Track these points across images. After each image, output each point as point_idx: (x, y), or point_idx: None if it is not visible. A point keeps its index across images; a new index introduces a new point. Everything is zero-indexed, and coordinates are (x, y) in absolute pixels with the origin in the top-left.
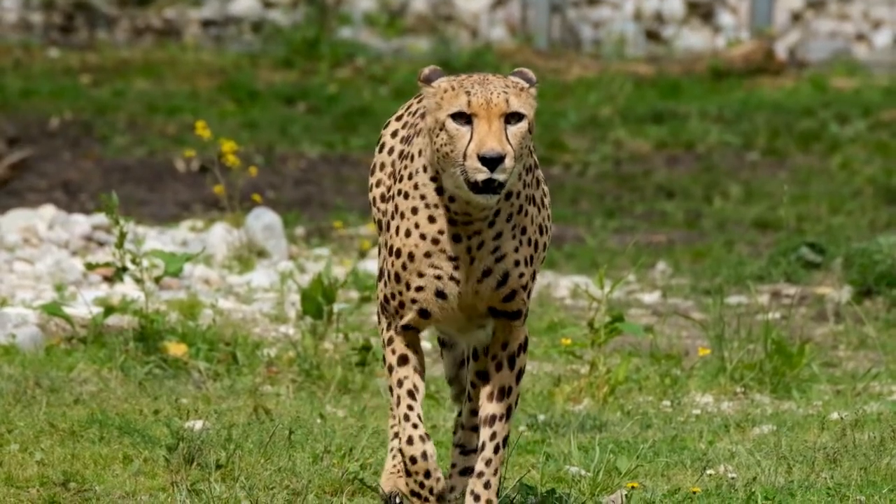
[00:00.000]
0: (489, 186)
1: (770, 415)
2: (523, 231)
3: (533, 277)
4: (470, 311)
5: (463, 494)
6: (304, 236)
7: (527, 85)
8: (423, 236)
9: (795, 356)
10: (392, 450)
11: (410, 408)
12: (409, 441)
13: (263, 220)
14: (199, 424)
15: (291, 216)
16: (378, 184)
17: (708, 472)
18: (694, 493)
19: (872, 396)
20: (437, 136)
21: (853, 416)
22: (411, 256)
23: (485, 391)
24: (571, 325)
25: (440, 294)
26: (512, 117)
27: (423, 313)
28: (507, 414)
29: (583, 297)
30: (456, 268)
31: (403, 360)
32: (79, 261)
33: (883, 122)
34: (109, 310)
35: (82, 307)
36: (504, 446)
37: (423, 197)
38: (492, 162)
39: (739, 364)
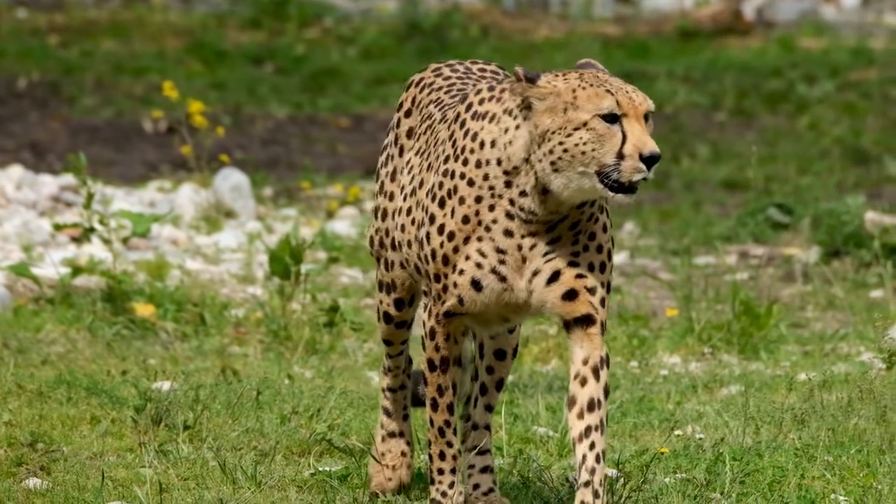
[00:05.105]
0: (633, 186)
1: (738, 375)
2: (591, 237)
3: (605, 286)
4: (514, 308)
5: (491, 490)
6: (271, 197)
7: None
8: (479, 223)
9: (763, 317)
10: (381, 438)
11: (448, 424)
12: (442, 456)
13: (231, 181)
14: (166, 385)
15: (259, 177)
16: (392, 195)
17: (676, 432)
18: (662, 453)
19: (840, 357)
20: (570, 136)
21: (821, 376)
22: (467, 240)
23: (574, 411)
24: None
25: (476, 284)
26: (647, 116)
27: (460, 300)
28: (602, 426)
29: None
30: (502, 262)
31: (446, 364)
32: (46, 221)
33: (850, 83)
34: (77, 270)
35: (50, 268)
36: (604, 458)
37: (491, 188)
38: (653, 161)
39: (707, 325)
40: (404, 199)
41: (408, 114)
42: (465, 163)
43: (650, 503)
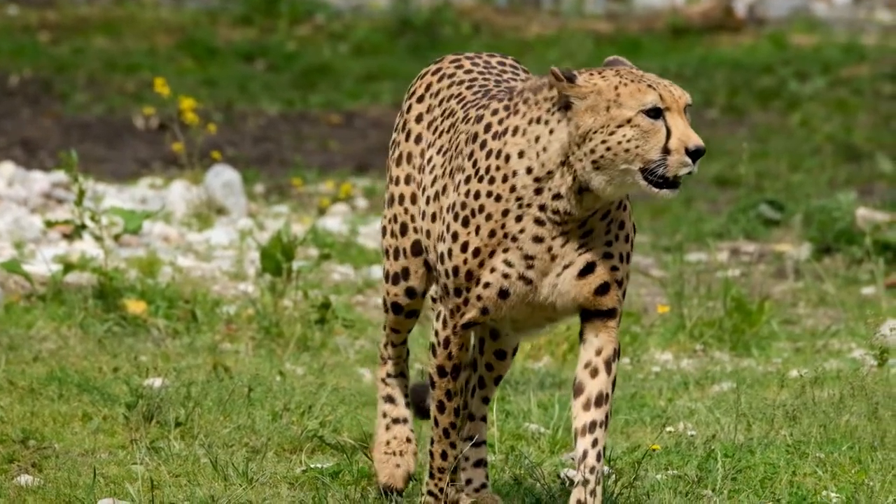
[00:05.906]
0: (677, 181)
1: (729, 372)
2: (621, 226)
3: (627, 277)
4: (539, 309)
5: (483, 486)
6: (263, 194)
7: None
8: (506, 235)
9: (755, 313)
10: (383, 425)
11: (453, 426)
12: (444, 456)
13: (223, 178)
14: (158, 382)
15: (250, 173)
16: (407, 179)
17: (667, 429)
18: (653, 450)
19: (832, 353)
20: (613, 133)
21: (812, 373)
22: (492, 254)
23: (580, 400)
24: None
25: (503, 294)
26: (686, 109)
27: (484, 311)
28: (606, 421)
29: None
30: (529, 267)
31: (457, 372)
32: (38, 218)
33: (842, 80)
34: (69, 267)
35: (41, 265)
36: (603, 456)
37: (518, 199)
38: (699, 155)
39: (699, 321)
40: (427, 201)
41: (420, 100)
42: (492, 181)
43: (642, 500)
